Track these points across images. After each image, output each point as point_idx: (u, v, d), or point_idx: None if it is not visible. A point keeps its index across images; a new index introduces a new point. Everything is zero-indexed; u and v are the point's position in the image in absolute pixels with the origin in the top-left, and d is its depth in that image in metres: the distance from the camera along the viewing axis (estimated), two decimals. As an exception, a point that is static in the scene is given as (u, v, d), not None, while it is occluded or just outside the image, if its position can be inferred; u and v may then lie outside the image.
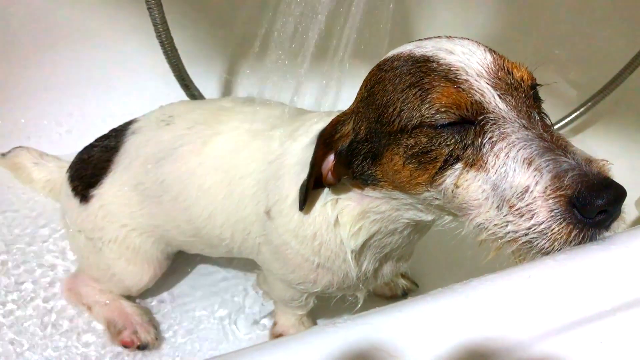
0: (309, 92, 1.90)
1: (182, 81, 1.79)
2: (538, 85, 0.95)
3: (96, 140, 1.57)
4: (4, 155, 1.85)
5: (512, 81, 0.90)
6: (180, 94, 1.82)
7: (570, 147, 0.84)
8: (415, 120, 0.90)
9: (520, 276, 0.74)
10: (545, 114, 0.94)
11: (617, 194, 0.78)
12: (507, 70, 0.91)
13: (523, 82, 0.91)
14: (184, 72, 1.77)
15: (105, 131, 1.57)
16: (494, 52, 0.95)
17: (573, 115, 2.10)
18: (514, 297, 0.71)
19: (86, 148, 1.58)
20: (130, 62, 2.00)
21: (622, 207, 0.80)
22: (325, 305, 1.57)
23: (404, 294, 1.71)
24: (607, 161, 0.83)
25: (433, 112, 0.88)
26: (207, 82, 2.01)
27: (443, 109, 0.87)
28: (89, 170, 1.51)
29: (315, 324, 1.62)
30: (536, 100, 0.94)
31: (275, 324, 1.58)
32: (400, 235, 1.15)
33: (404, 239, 1.17)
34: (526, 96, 0.90)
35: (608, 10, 2.10)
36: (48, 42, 2.00)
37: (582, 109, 2.08)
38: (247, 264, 1.70)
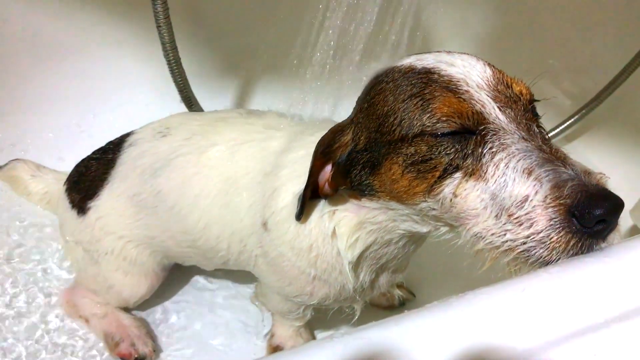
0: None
1: (188, 102, 1.80)
2: (536, 100, 0.97)
3: (93, 153, 1.58)
4: (0, 168, 1.85)
5: (511, 94, 0.92)
6: (180, 107, 1.83)
7: (568, 159, 0.86)
8: (416, 129, 0.91)
9: (514, 289, 0.75)
10: (543, 128, 0.96)
11: (616, 204, 0.80)
12: (507, 84, 0.94)
13: (522, 95, 0.93)
14: (190, 93, 1.77)
15: (103, 144, 1.58)
16: (493, 66, 0.97)
17: (566, 124, 2.12)
18: (509, 310, 0.72)
19: (83, 161, 1.59)
20: (129, 75, 2.00)
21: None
22: (323, 316, 1.57)
23: (401, 304, 1.71)
24: (604, 174, 0.85)
25: (434, 120, 0.89)
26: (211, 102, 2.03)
27: (444, 118, 0.89)
28: (87, 182, 1.51)
29: (313, 334, 1.63)
30: (535, 115, 0.96)
31: (272, 335, 1.58)
32: (396, 246, 1.16)
33: (400, 250, 1.18)
34: (525, 110, 0.92)
35: (600, 19, 2.13)
36: (46, 55, 2.00)
37: (575, 117, 2.10)
38: (244, 276, 1.70)
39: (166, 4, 1.48)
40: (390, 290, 1.61)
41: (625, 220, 1.76)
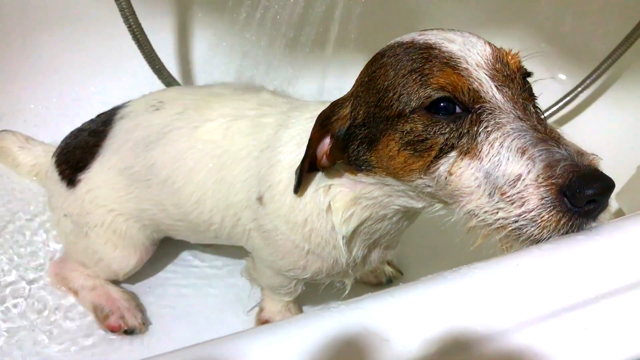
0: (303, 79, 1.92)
1: (157, 70, 1.79)
2: (528, 74, 0.98)
3: (84, 125, 1.57)
4: (-11, 138, 1.83)
5: (509, 73, 0.93)
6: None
7: (562, 139, 0.87)
8: (413, 103, 0.92)
9: (508, 265, 0.76)
10: (539, 108, 0.97)
11: (607, 185, 0.81)
12: (505, 62, 0.94)
13: (517, 71, 0.94)
14: (157, 61, 1.76)
15: (93, 116, 1.56)
16: (493, 45, 0.97)
17: (555, 107, 2.13)
18: (503, 285, 0.74)
19: (73, 132, 1.58)
20: (120, 45, 1.96)
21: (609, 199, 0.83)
22: (311, 292, 1.59)
23: (389, 281, 1.73)
24: (596, 155, 0.86)
25: (429, 90, 0.90)
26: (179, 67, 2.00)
27: (438, 87, 0.90)
28: (77, 154, 1.50)
29: (301, 310, 1.64)
30: (531, 95, 0.97)
31: (261, 309, 1.59)
32: (390, 222, 1.17)
33: (394, 226, 1.19)
34: (522, 89, 0.93)
35: (592, 3, 2.14)
36: (38, 26, 1.96)
37: (564, 101, 2.11)
38: (234, 252, 1.71)
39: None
40: (380, 266, 1.63)
41: (611, 204, 1.79)
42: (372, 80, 1.00)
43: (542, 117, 0.94)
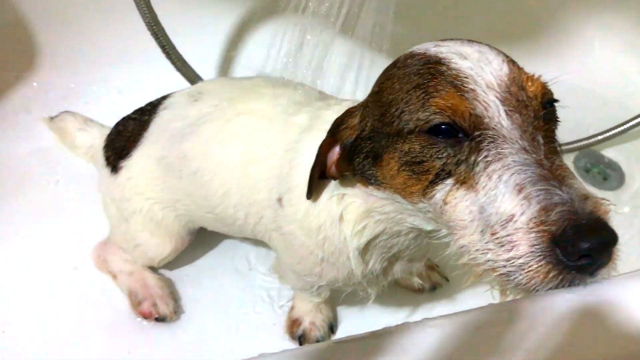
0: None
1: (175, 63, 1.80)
2: (555, 100, 0.87)
3: (133, 113, 1.59)
4: (52, 119, 1.90)
5: (523, 98, 0.83)
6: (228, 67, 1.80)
7: (568, 179, 0.76)
8: (411, 124, 0.85)
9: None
10: (554, 137, 0.86)
11: (605, 239, 0.70)
12: (521, 85, 0.84)
13: (535, 98, 0.84)
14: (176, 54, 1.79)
15: (153, 99, 1.57)
16: (513, 63, 0.87)
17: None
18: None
19: (123, 119, 1.60)
20: (185, 31, 1.96)
21: (617, 253, 0.72)
22: (350, 292, 1.54)
23: (433, 289, 1.65)
24: (607, 200, 0.75)
25: (427, 113, 0.83)
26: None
27: (438, 110, 0.82)
28: (122, 141, 1.53)
29: (334, 311, 1.60)
30: (548, 121, 0.86)
31: (292, 307, 1.57)
32: (407, 238, 1.10)
33: (412, 242, 1.12)
34: (535, 116, 0.82)
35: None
36: (109, 6, 2.01)
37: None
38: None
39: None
40: (422, 272, 1.54)
41: None
42: (380, 92, 0.93)
43: (556, 149, 0.83)
